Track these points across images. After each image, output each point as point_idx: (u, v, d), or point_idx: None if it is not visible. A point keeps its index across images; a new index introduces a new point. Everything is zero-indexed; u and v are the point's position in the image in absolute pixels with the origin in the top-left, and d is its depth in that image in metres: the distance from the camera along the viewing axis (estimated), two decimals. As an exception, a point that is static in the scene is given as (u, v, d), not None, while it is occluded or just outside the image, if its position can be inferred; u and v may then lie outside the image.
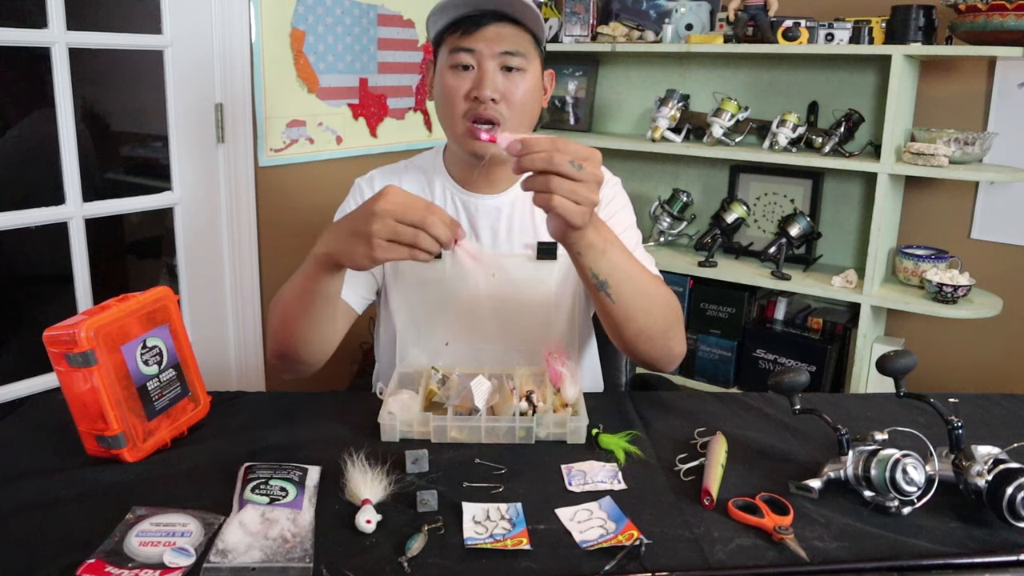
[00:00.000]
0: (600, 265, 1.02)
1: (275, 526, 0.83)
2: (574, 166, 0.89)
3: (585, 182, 0.90)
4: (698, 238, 2.58)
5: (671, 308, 1.13)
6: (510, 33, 1.19)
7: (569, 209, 0.91)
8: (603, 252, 1.01)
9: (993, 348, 2.34)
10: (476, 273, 0.94)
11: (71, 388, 0.97)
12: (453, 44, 1.20)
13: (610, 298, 1.05)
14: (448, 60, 1.20)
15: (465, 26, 1.18)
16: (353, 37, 2.39)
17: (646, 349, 1.13)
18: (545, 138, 0.91)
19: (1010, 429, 1.13)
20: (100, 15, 2.02)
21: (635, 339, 1.11)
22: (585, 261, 1.01)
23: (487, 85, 1.17)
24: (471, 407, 1.08)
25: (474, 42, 1.18)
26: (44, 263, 2.08)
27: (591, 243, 1.00)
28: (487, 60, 1.18)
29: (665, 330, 1.12)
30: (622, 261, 1.04)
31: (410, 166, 1.37)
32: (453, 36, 1.20)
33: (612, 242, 1.03)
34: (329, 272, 1.04)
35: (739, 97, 2.50)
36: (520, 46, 1.19)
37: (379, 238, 0.93)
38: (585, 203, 0.91)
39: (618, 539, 0.84)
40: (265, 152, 2.19)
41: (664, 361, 1.16)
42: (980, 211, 2.33)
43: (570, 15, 2.72)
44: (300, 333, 1.13)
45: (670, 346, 1.14)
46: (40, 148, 1.84)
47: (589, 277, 1.03)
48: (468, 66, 1.19)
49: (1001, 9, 1.95)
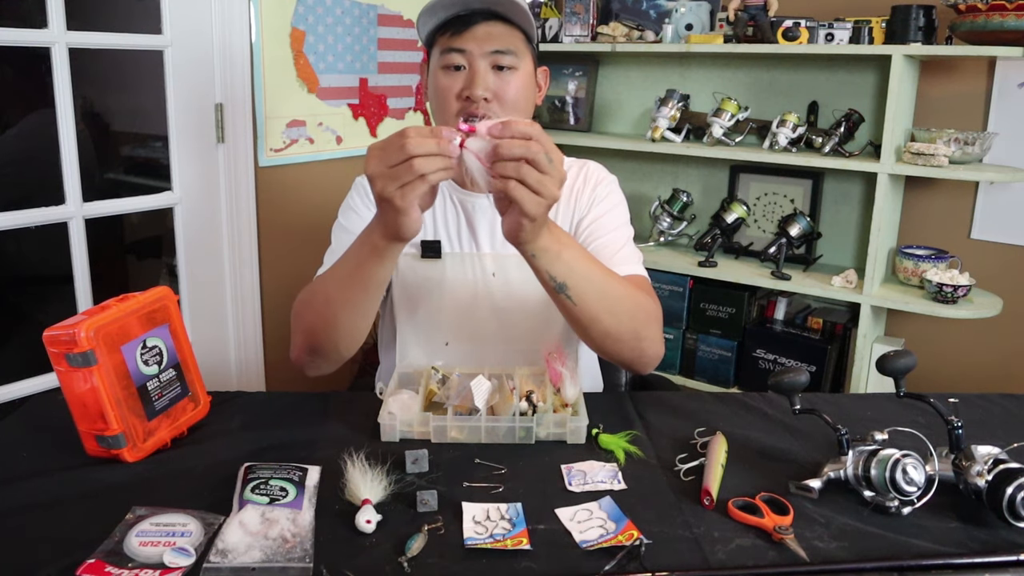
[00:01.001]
0: (556, 268, 1.01)
1: (275, 526, 0.83)
2: (547, 158, 0.89)
3: (551, 176, 0.90)
4: (698, 238, 2.58)
5: (640, 309, 1.11)
6: (500, 32, 1.19)
7: (529, 200, 0.90)
8: (558, 255, 1.00)
9: (993, 348, 2.34)
10: (484, 176, 0.91)
11: (71, 388, 0.97)
12: (444, 45, 1.20)
13: (571, 300, 1.04)
14: (440, 61, 1.21)
15: (455, 26, 1.19)
16: (353, 37, 2.39)
17: (616, 350, 1.12)
18: (527, 122, 0.91)
19: (1010, 429, 1.13)
20: (100, 15, 2.02)
21: (602, 340, 1.10)
22: (540, 264, 1.01)
23: (479, 84, 1.18)
24: (471, 407, 1.08)
25: (464, 42, 1.18)
26: (44, 263, 2.08)
27: (545, 247, 0.99)
28: (478, 59, 1.18)
29: (634, 331, 1.11)
30: (579, 263, 1.03)
31: None
32: (444, 37, 1.20)
33: (567, 245, 1.02)
34: (389, 250, 1.01)
35: (739, 97, 2.50)
36: (511, 44, 1.20)
37: (390, 191, 0.92)
38: (547, 197, 0.91)
39: (618, 539, 0.84)
40: (265, 152, 2.19)
41: (637, 363, 1.15)
42: (980, 211, 2.33)
43: (570, 15, 2.72)
44: (344, 323, 1.09)
45: (642, 348, 1.13)
46: (40, 148, 1.84)
47: (547, 280, 1.03)
48: (460, 66, 1.20)
49: (1001, 9, 1.95)
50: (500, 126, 0.90)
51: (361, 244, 1.03)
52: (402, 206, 0.93)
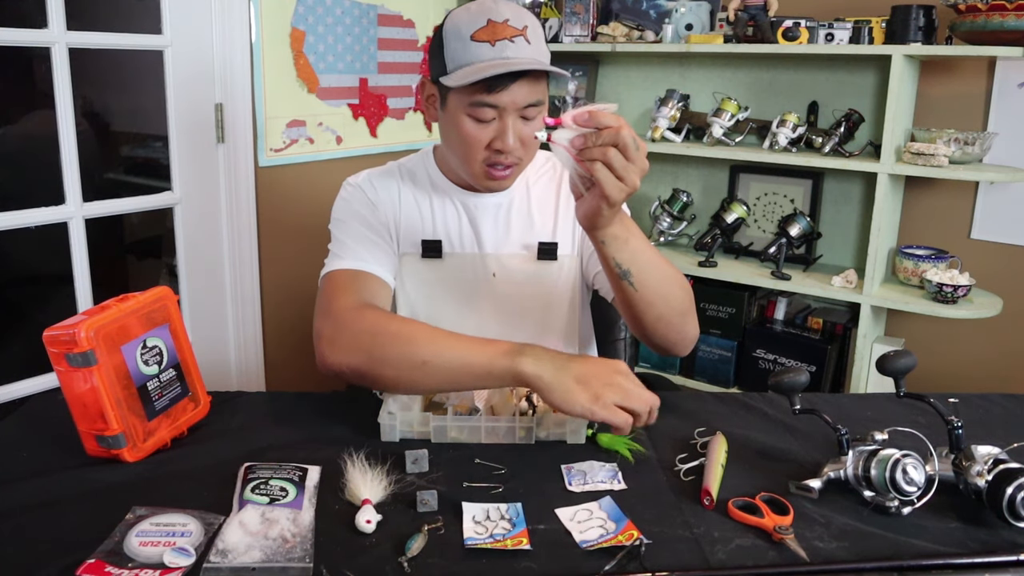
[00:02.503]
0: (623, 255, 1.05)
1: (275, 526, 0.83)
2: (634, 145, 0.93)
3: (636, 164, 0.94)
4: (698, 238, 2.58)
5: (686, 292, 1.16)
6: (532, 86, 1.15)
7: (612, 184, 0.94)
8: (626, 242, 1.04)
9: (993, 348, 2.34)
10: (570, 163, 0.95)
11: (71, 388, 0.97)
12: (477, 97, 1.13)
13: (632, 286, 1.07)
14: (469, 110, 1.15)
15: (490, 83, 1.12)
16: (353, 37, 2.39)
17: (664, 333, 1.15)
18: (612, 114, 0.94)
19: (1010, 429, 1.13)
20: (100, 15, 2.02)
21: (655, 324, 1.13)
22: (609, 251, 1.04)
23: (509, 137, 1.15)
24: (471, 407, 1.08)
25: (499, 99, 1.13)
26: (44, 263, 2.08)
27: (615, 234, 1.03)
28: (510, 114, 1.15)
29: (683, 314, 1.15)
30: (643, 250, 1.07)
31: (402, 168, 1.35)
32: (476, 88, 1.13)
33: (634, 232, 1.06)
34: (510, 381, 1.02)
35: (739, 97, 2.50)
36: (541, 95, 1.17)
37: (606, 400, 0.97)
38: (629, 184, 0.95)
39: (618, 539, 0.84)
40: (265, 152, 2.19)
41: (680, 345, 1.19)
42: (980, 211, 2.33)
43: (570, 15, 2.72)
44: (419, 388, 1.09)
45: (686, 330, 1.17)
46: (40, 148, 1.84)
47: (612, 267, 1.06)
48: (491, 119, 1.15)
49: (1001, 9, 1.95)
50: (586, 115, 0.94)
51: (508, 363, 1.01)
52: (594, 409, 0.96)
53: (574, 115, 0.95)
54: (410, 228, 1.31)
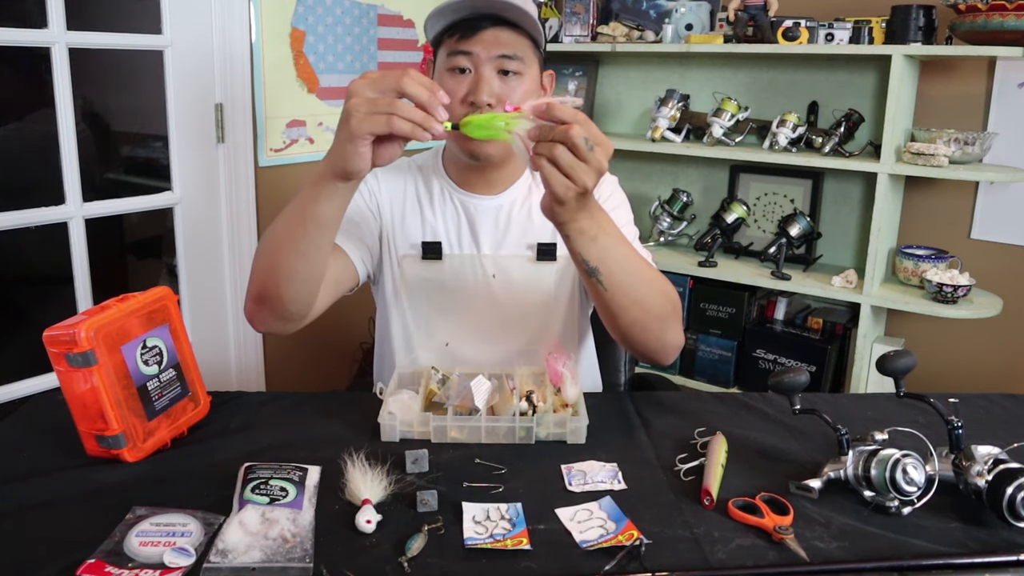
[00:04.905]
0: (590, 251, 1.01)
1: (275, 526, 0.83)
2: (587, 144, 0.89)
3: (588, 163, 0.90)
4: (698, 238, 2.58)
5: (667, 298, 1.11)
6: (507, 37, 1.18)
7: (558, 182, 0.91)
8: (594, 239, 1.00)
9: (993, 348, 2.34)
10: (524, 155, 0.91)
11: (71, 388, 0.97)
12: (450, 47, 1.20)
13: (602, 285, 1.04)
14: (446, 63, 1.20)
15: (462, 30, 1.18)
16: (353, 37, 2.39)
17: (641, 339, 1.12)
18: (570, 108, 0.91)
19: (1010, 429, 1.13)
20: (100, 15, 2.02)
21: (630, 329, 1.10)
22: (575, 246, 1.01)
23: (483, 90, 1.17)
24: (471, 407, 1.08)
25: (471, 45, 1.18)
26: (44, 263, 2.08)
27: (582, 229, 0.99)
28: (484, 64, 1.18)
29: (661, 320, 1.10)
30: (615, 250, 1.03)
31: (411, 164, 1.37)
32: (451, 39, 1.20)
33: (607, 231, 1.02)
34: (326, 187, 0.99)
35: (739, 97, 2.50)
36: (517, 50, 1.19)
37: (356, 112, 0.91)
38: (578, 182, 0.91)
39: (618, 539, 0.84)
40: (265, 152, 2.19)
41: (660, 353, 1.15)
42: (980, 211, 2.33)
43: (570, 15, 2.72)
44: (286, 263, 1.07)
45: (665, 338, 1.13)
46: (40, 148, 1.84)
47: (580, 262, 1.03)
48: (465, 69, 1.19)
49: (1001, 9, 1.95)
50: (544, 106, 0.91)
51: (308, 183, 1.02)
52: (358, 131, 0.91)
53: (533, 106, 0.92)
54: (410, 228, 1.31)
